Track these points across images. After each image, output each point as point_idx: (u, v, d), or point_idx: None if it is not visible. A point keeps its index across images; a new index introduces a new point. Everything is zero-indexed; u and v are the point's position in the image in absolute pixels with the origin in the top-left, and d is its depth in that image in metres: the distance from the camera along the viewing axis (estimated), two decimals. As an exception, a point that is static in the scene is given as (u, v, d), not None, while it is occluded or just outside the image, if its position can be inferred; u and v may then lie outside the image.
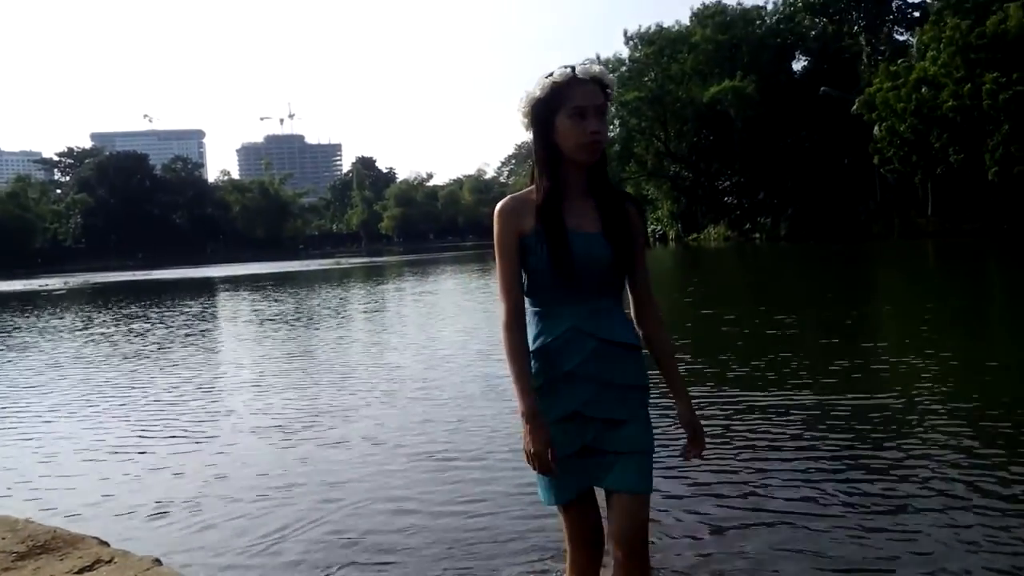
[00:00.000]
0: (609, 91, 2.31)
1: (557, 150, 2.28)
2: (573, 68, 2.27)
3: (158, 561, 3.64)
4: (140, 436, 6.93)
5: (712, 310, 14.50)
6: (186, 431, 7.02)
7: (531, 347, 2.31)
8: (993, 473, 4.74)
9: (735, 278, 24.98)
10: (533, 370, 2.29)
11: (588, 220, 2.29)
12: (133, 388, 9.39)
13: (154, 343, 13.73)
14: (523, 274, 2.34)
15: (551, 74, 2.28)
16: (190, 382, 9.58)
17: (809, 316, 13.09)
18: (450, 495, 4.86)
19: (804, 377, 7.89)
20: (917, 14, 55.68)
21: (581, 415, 2.29)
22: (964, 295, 15.63)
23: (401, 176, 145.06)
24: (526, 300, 2.34)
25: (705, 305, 15.66)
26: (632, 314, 2.44)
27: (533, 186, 2.35)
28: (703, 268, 31.08)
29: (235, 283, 35.35)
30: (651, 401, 2.42)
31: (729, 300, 17.06)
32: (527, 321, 2.34)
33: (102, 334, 15.79)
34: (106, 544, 3.97)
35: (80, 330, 16.94)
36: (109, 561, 3.71)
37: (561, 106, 2.25)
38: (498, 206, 2.35)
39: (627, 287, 2.44)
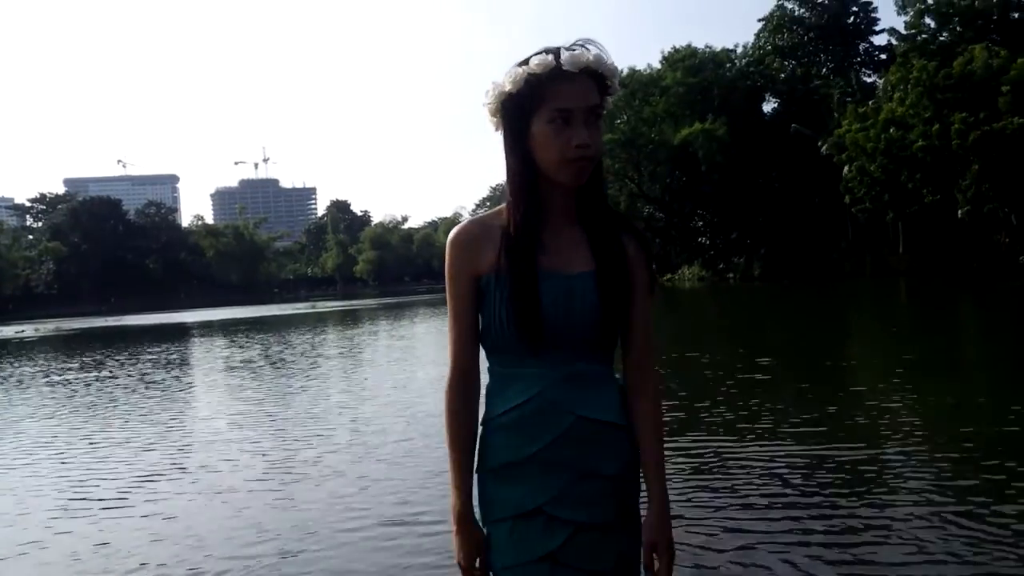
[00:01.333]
0: (609, 85, 1.71)
1: (534, 164, 1.69)
2: (557, 54, 1.65)
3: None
4: (92, 494, 6.62)
5: (688, 352, 14.37)
6: (142, 487, 6.73)
7: (489, 417, 1.77)
8: (976, 525, 4.59)
9: (710, 319, 24.93)
10: (488, 448, 1.76)
11: (574, 257, 1.71)
12: (87, 441, 9.06)
13: (115, 393, 13.36)
14: (480, 323, 1.77)
15: (527, 61, 1.67)
16: (148, 434, 9.27)
17: (786, 359, 13.01)
18: (423, 565, 4.52)
19: (784, 425, 7.72)
20: (884, 56, 56.86)
21: (546, 514, 1.69)
22: (938, 337, 15.62)
23: (376, 219, 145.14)
24: (488, 357, 1.80)
25: (680, 347, 15.53)
26: (624, 380, 1.83)
27: (503, 206, 1.77)
28: (678, 308, 31.03)
29: (207, 329, 34.91)
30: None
31: (705, 342, 16.96)
32: (491, 383, 1.80)
33: (63, 382, 15.40)
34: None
35: (41, 378, 16.52)
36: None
37: (539, 107, 1.65)
38: (453, 232, 1.77)
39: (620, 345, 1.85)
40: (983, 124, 38.26)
